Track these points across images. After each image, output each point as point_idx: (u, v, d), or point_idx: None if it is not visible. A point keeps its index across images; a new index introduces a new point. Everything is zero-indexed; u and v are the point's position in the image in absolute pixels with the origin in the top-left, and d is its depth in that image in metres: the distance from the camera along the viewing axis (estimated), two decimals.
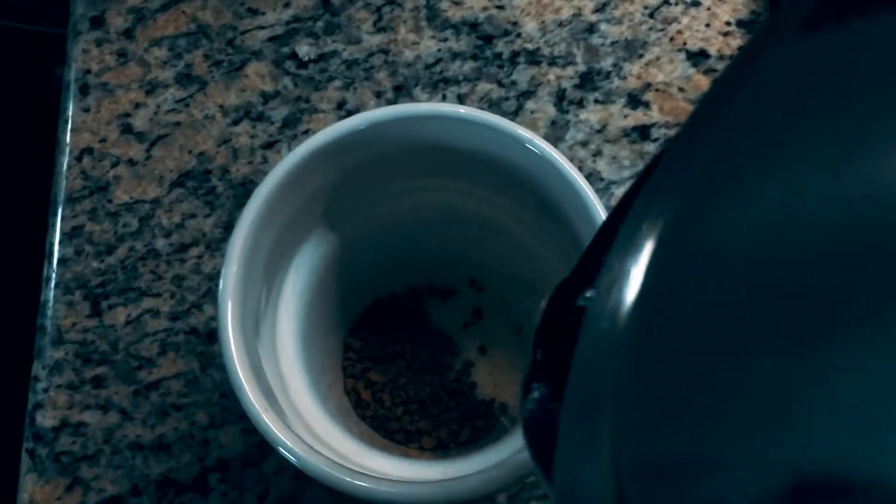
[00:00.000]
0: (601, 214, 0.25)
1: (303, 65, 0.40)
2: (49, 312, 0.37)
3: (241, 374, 0.23)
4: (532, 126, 0.38)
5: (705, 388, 0.10)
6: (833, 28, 0.11)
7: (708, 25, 0.39)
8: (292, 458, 0.23)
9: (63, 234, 0.38)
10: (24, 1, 0.80)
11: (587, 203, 0.24)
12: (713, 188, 0.11)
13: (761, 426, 0.09)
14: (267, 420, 0.22)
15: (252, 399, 0.23)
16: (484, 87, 0.39)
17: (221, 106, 0.39)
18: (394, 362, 0.32)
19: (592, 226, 0.25)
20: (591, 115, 0.38)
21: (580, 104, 0.38)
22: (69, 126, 0.40)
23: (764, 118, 0.11)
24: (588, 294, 0.15)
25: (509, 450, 0.24)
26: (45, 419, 0.35)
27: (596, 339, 0.12)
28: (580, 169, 0.34)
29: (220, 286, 0.24)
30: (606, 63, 0.39)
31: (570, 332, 0.13)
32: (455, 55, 0.39)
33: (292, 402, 0.27)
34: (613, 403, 0.11)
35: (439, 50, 0.39)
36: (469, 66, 0.39)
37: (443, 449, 0.29)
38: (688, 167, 0.12)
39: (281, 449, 0.24)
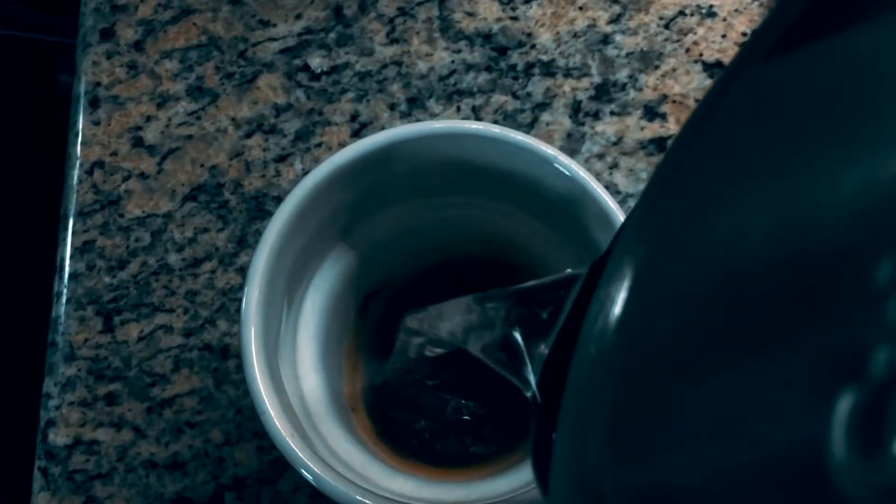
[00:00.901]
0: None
1: (315, 77, 0.39)
2: (61, 328, 0.36)
3: (266, 401, 0.22)
4: (548, 138, 0.38)
5: (669, 412, 0.11)
6: (799, 52, 0.11)
7: (724, 36, 0.39)
8: (325, 488, 0.22)
9: (74, 248, 0.37)
10: (24, 10, 0.80)
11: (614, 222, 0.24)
12: (683, 217, 0.12)
13: (715, 440, 0.10)
14: (294, 446, 0.22)
15: (278, 426, 0.22)
16: (499, 98, 0.38)
17: (233, 119, 0.39)
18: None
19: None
20: (608, 127, 0.38)
21: (596, 116, 0.38)
22: (79, 139, 0.39)
23: (730, 147, 0.12)
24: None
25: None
26: (58, 437, 0.35)
27: (582, 366, 0.13)
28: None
29: (242, 310, 0.24)
30: (622, 74, 0.39)
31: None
32: (469, 67, 0.39)
33: (314, 422, 0.27)
34: (595, 433, 0.12)
35: (453, 61, 0.39)
36: (483, 77, 0.39)
37: (467, 467, 0.28)
38: (663, 198, 0.12)
39: (305, 473, 0.23)
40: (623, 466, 0.11)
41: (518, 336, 0.19)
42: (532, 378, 0.18)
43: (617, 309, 0.12)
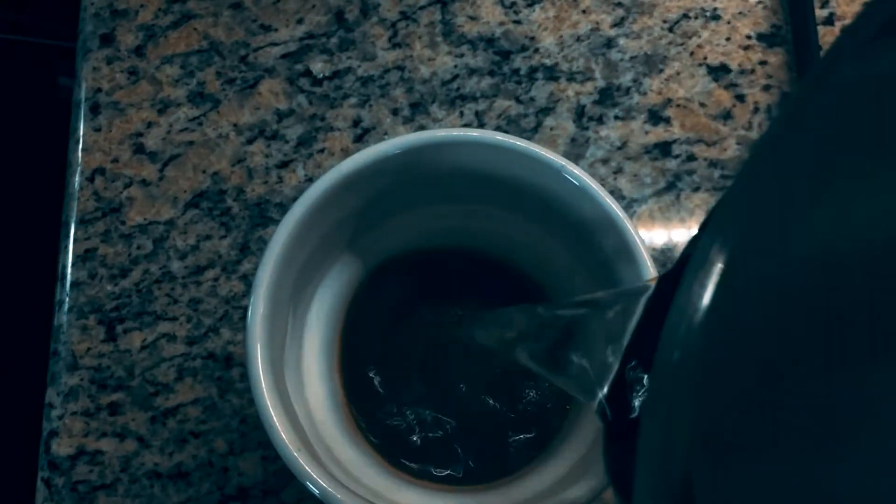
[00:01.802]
0: (637, 243, 0.24)
1: (317, 82, 0.39)
2: (63, 337, 0.36)
3: (273, 415, 0.22)
4: (551, 143, 0.38)
5: (763, 418, 0.10)
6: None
7: (728, 39, 0.39)
8: (331, 502, 0.22)
9: (76, 256, 0.37)
10: (21, 13, 0.79)
11: (626, 237, 0.24)
12: (774, 212, 0.12)
13: (812, 455, 0.09)
14: (301, 461, 0.22)
15: (285, 439, 0.22)
16: (502, 103, 0.38)
17: (235, 125, 0.39)
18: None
19: (621, 242, 0.25)
20: (612, 131, 0.38)
21: (600, 120, 0.38)
22: (80, 146, 0.39)
23: (825, 141, 0.11)
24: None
25: (550, 479, 0.23)
26: (61, 447, 0.35)
27: (665, 371, 0.12)
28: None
29: (248, 323, 0.24)
30: (626, 78, 0.38)
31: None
32: (472, 71, 0.39)
33: (319, 432, 0.27)
34: (682, 437, 0.11)
35: (455, 66, 0.39)
36: (486, 82, 0.39)
37: (475, 479, 0.28)
38: (750, 195, 0.12)
39: (311, 487, 0.23)
40: (714, 472, 0.11)
41: (572, 346, 0.19)
42: (599, 391, 0.18)
43: (701, 312, 0.12)
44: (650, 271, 0.24)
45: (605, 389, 0.18)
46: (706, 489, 0.11)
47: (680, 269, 0.15)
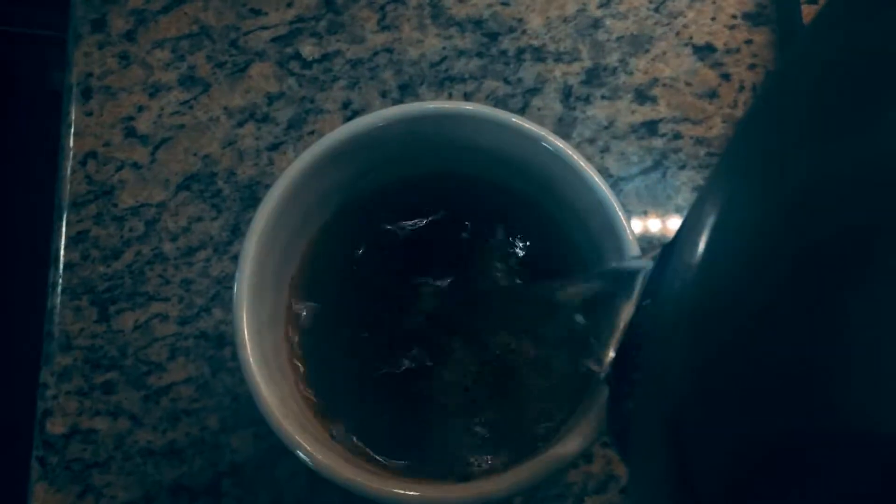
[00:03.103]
0: (615, 206, 0.25)
1: (307, 65, 0.39)
2: (56, 318, 0.37)
3: (259, 381, 0.23)
4: (539, 123, 0.38)
5: (745, 362, 0.11)
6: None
7: (714, 19, 0.39)
8: (322, 470, 0.22)
9: (69, 238, 0.38)
10: (14, 4, 0.80)
11: (602, 200, 0.24)
12: (754, 176, 0.12)
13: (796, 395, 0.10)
14: (289, 428, 0.22)
15: (270, 406, 0.22)
16: (490, 84, 0.39)
17: (226, 108, 0.39)
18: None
19: (606, 220, 0.25)
20: (598, 111, 0.38)
21: (587, 100, 0.38)
22: (72, 130, 0.39)
23: (803, 113, 0.12)
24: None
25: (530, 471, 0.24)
26: (55, 426, 0.35)
27: (660, 323, 0.12)
28: None
29: (235, 293, 0.24)
30: (612, 58, 0.39)
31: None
32: (460, 53, 0.39)
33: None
34: (675, 382, 0.12)
35: (444, 48, 0.39)
36: (475, 63, 0.39)
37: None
38: (740, 151, 0.13)
39: (301, 455, 0.24)
40: (704, 415, 0.11)
41: (580, 317, 0.20)
42: (605, 357, 0.18)
43: (693, 268, 0.12)
44: (633, 247, 0.25)
45: (612, 354, 0.19)
46: (695, 431, 0.11)
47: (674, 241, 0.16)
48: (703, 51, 0.39)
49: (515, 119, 0.26)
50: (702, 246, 0.12)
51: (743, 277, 0.11)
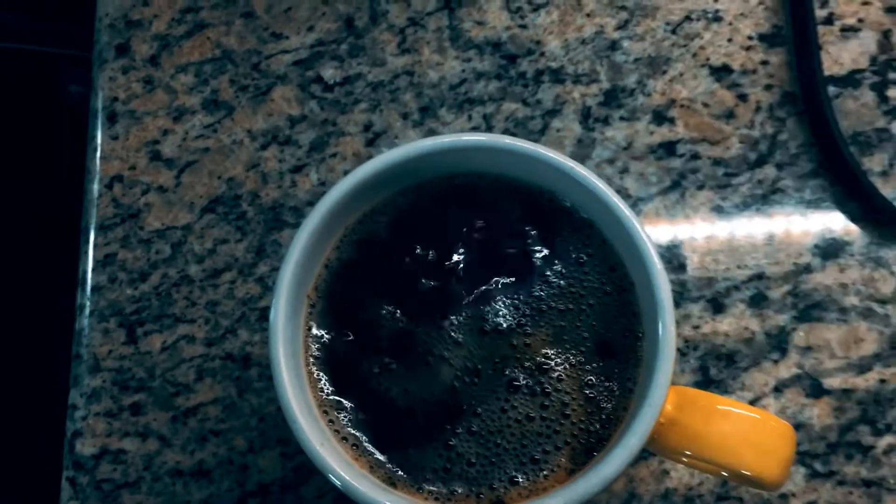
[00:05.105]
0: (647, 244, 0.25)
1: (328, 88, 0.40)
2: (85, 340, 0.37)
3: (296, 411, 0.23)
4: (558, 145, 0.38)
5: None
6: None
7: (730, 40, 0.39)
8: (352, 493, 0.23)
9: (96, 261, 0.38)
10: (31, 21, 0.80)
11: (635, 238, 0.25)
12: None
13: None
14: (324, 454, 0.23)
15: (307, 432, 0.23)
16: (509, 106, 0.39)
17: (249, 131, 0.40)
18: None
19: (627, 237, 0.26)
20: (617, 132, 0.38)
21: (606, 122, 0.39)
22: (98, 154, 0.40)
23: None
24: None
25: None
26: (85, 447, 0.36)
27: None
28: None
29: (271, 320, 0.25)
30: (630, 80, 0.39)
31: None
32: (479, 75, 0.40)
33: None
34: None
35: (463, 70, 0.40)
36: (494, 85, 0.39)
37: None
38: None
39: (333, 478, 0.24)
40: None
41: None
42: None
43: None
44: (657, 265, 0.25)
45: None
46: None
47: None
48: (720, 72, 0.39)
49: (541, 149, 0.26)
50: None
51: None
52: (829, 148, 0.37)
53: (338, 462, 0.24)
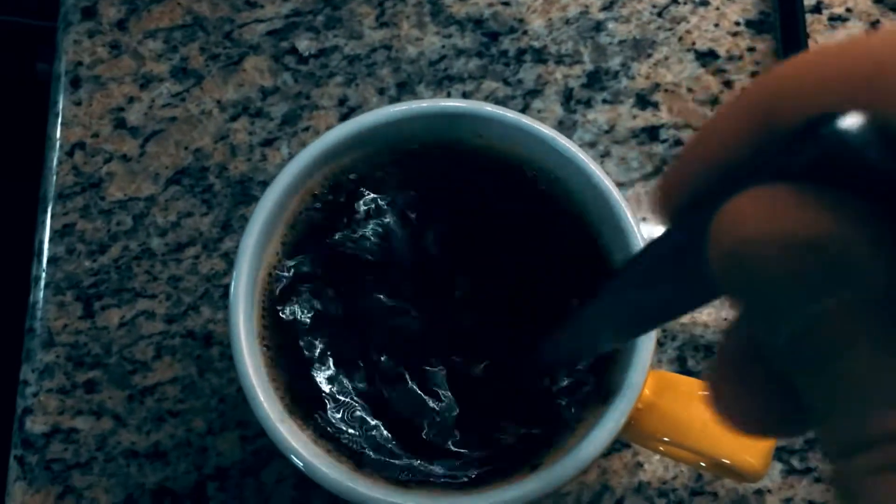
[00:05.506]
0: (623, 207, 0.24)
1: (303, 60, 0.39)
2: (39, 314, 0.35)
3: (257, 388, 0.22)
4: None
5: None
6: None
7: (717, 25, 0.39)
8: (314, 474, 0.22)
9: (53, 231, 0.36)
10: None
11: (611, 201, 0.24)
12: None
13: None
14: (283, 431, 0.21)
15: (268, 410, 0.22)
16: (490, 85, 0.38)
17: (219, 101, 0.38)
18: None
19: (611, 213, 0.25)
20: (599, 115, 0.37)
21: (588, 104, 0.38)
22: (59, 120, 0.38)
23: None
24: None
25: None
26: (35, 425, 0.34)
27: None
28: None
29: (231, 295, 0.23)
30: (614, 62, 0.38)
31: None
32: (460, 52, 0.38)
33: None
34: None
35: (443, 46, 0.39)
36: (474, 63, 0.38)
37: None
38: None
39: (294, 459, 0.23)
40: None
41: None
42: None
43: None
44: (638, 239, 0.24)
45: None
46: None
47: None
48: (706, 57, 0.38)
49: (526, 119, 0.25)
50: None
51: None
52: None
53: (298, 442, 0.23)
